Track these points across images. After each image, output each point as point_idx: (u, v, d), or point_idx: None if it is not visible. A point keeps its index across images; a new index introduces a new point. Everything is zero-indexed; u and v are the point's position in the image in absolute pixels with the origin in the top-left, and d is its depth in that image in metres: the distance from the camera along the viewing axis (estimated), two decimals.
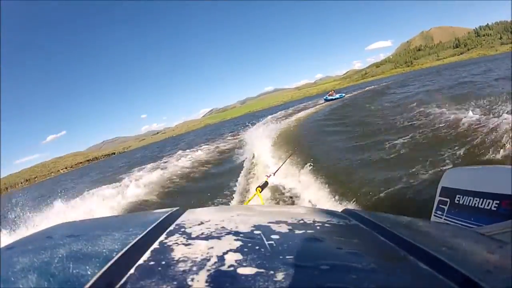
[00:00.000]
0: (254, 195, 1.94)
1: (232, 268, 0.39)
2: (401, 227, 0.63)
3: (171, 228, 0.58)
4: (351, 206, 3.20)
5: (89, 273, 0.38)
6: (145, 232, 0.53)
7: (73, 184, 16.04)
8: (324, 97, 25.69)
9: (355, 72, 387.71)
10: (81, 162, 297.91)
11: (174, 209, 0.73)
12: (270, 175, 2.19)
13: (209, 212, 0.78)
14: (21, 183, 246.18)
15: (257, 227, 0.58)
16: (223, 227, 0.57)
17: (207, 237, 0.52)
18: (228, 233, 0.54)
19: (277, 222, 0.61)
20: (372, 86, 29.48)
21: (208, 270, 0.38)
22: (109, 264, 0.40)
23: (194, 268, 0.39)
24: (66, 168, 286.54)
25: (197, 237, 0.52)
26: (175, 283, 0.36)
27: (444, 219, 1.18)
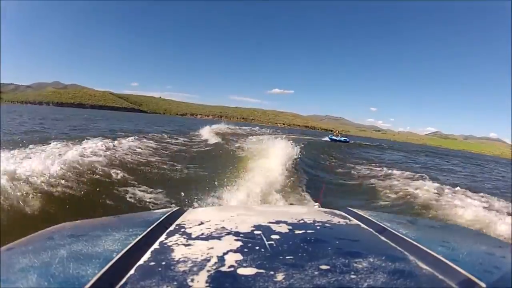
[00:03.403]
0: None
1: (232, 269, 0.39)
2: (402, 226, 0.63)
3: (172, 228, 0.58)
4: None
5: (89, 273, 0.38)
6: (145, 232, 0.53)
7: None
8: (329, 136, 27.54)
9: None
10: (299, 125, 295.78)
11: (175, 209, 0.73)
12: None
13: (210, 212, 0.77)
14: (237, 118, 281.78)
15: (257, 227, 0.57)
16: (223, 227, 0.57)
17: (208, 237, 0.52)
18: (229, 233, 0.53)
19: (277, 222, 0.60)
20: None
21: (208, 271, 0.38)
22: (109, 264, 0.40)
23: (194, 269, 0.39)
24: (284, 124, 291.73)
25: (198, 237, 0.52)
26: (175, 283, 0.36)
27: None
